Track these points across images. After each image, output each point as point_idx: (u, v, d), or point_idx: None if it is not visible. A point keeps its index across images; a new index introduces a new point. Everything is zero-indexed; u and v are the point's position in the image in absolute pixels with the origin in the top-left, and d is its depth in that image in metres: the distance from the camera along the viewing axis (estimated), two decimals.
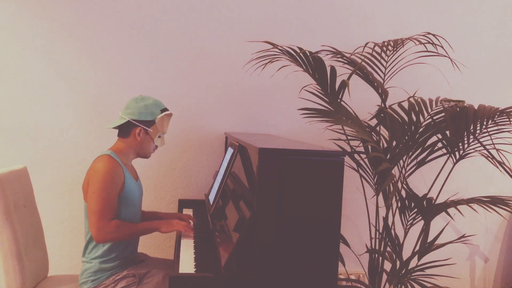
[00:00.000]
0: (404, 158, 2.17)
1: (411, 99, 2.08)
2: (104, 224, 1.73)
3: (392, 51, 2.31)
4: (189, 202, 2.57)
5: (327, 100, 2.09)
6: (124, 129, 1.90)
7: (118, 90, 2.59)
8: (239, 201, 1.75)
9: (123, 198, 1.82)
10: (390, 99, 2.41)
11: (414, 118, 2.04)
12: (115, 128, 1.93)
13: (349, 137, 2.34)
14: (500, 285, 2.88)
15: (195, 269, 1.58)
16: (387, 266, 2.43)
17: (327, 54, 2.19)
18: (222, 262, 1.53)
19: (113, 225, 1.74)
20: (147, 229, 1.84)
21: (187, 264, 1.62)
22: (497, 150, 1.99)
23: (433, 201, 2.11)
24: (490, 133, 1.93)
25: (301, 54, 1.93)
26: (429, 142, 2.13)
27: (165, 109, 1.95)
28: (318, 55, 1.95)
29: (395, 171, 2.55)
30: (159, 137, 1.95)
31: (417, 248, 2.15)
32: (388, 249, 2.29)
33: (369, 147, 2.18)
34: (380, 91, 2.05)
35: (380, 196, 2.59)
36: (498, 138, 2.03)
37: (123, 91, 2.59)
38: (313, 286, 1.47)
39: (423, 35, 2.21)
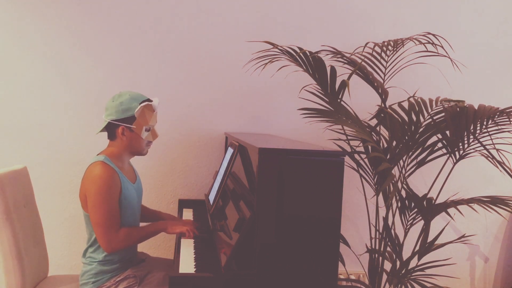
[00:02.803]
0: (404, 158, 2.17)
1: (411, 99, 2.09)
2: (112, 235, 1.72)
3: (392, 51, 2.31)
4: (189, 202, 2.57)
5: (327, 100, 2.09)
6: (110, 132, 1.84)
7: (118, 90, 2.59)
8: (239, 201, 1.75)
9: (120, 202, 1.78)
10: (390, 99, 2.41)
11: (414, 118, 2.04)
12: (102, 131, 1.87)
13: (349, 137, 2.34)
14: (500, 285, 2.88)
15: (195, 269, 1.58)
16: (387, 266, 2.43)
17: (327, 54, 2.19)
18: (222, 262, 1.53)
19: (121, 234, 1.74)
20: (154, 231, 1.85)
21: (187, 264, 1.62)
22: (497, 150, 1.99)
23: (433, 201, 2.11)
24: (490, 133, 1.93)
25: (301, 54, 1.93)
26: (429, 142, 2.13)
27: (146, 100, 1.83)
28: (318, 55, 1.95)
29: (395, 171, 2.55)
30: (147, 130, 1.84)
31: (417, 248, 2.15)
32: (388, 249, 2.29)
33: (369, 147, 2.18)
34: (380, 91, 2.05)
35: (380, 196, 2.59)
36: (498, 138, 2.03)
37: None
38: (313, 286, 1.47)
39: (423, 35, 2.21)
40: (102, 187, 1.69)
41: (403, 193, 2.23)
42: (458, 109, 1.96)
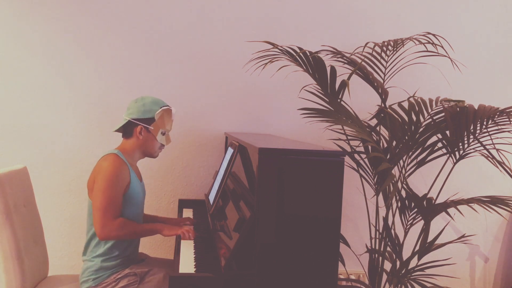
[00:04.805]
0: (404, 158, 2.17)
1: (411, 99, 2.09)
2: (108, 221, 1.74)
3: (392, 51, 2.31)
4: (189, 202, 2.57)
5: (327, 100, 2.09)
6: (127, 130, 1.93)
7: (118, 90, 2.59)
8: (239, 201, 1.75)
9: (127, 197, 1.83)
10: (390, 99, 2.41)
11: (414, 118, 2.04)
12: (119, 130, 1.96)
13: (349, 137, 2.34)
14: (500, 285, 2.88)
15: (195, 269, 1.58)
16: (387, 266, 2.43)
17: (327, 54, 2.19)
18: (222, 262, 1.53)
19: (117, 223, 1.76)
20: (150, 230, 1.86)
21: (187, 264, 1.62)
22: (497, 150, 1.99)
23: (433, 201, 2.11)
24: (490, 133, 1.93)
25: (301, 54, 1.93)
26: (429, 142, 2.13)
27: (166, 106, 1.96)
28: (318, 55, 1.95)
29: (395, 171, 2.55)
30: (163, 134, 1.95)
31: (417, 248, 2.15)
32: (388, 249, 2.29)
33: (369, 147, 2.18)
34: (380, 91, 2.05)
35: (380, 196, 2.59)
36: (498, 138, 2.03)
37: (123, 91, 2.59)
38: (313, 286, 1.47)
39: (423, 35, 2.21)
40: (110, 175, 1.76)
41: (403, 193, 2.23)
42: (458, 109, 1.96)
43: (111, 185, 1.76)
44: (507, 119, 1.88)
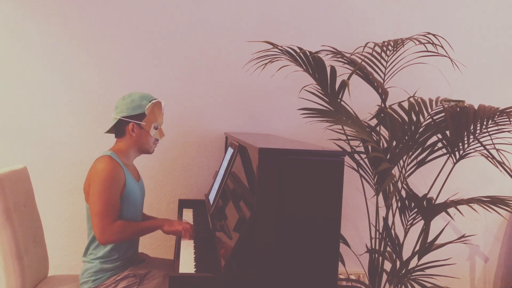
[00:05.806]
0: (404, 158, 2.17)
1: (411, 99, 2.09)
2: (107, 225, 1.73)
3: (392, 51, 2.31)
4: (189, 202, 2.57)
5: (327, 100, 2.09)
6: (119, 130, 1.90)
7: (118, 90, 2.59)
8: (239, 201, 1.75)
9: (124, 198, 1.82)
10: (390, 99, 2.41)
11: (414, 118, 2.04)
12: (110, 131, 1.93)
13: (349, 137, 2.34)
14: (500, 285, 2.88)
15: (195, 269, 1.58)
16: (387, 266, 2.43)
17: (327, 54, 2.19)
18: (222, 262, 1.53)
19: (116, 226, 1.74)
20: (150, 227, 1.85)
21: (187, 264, 1.62)
22: (497, 150, 1.99)
23: (433, 201, 2.11)
24: (490, 133, 1.93)
25: (301, 54, 1.93)
26: (429, 142, 2.13)
27: (154, 100, 1.92)
28: (318, 55, 1.95)
29: (395, 171, 2.55)
30: (155, 128, 1.92)
31: (417, 248, 2.15)
32: (388, 249, 2.29)
33: (369, 147, 2.18)
34: (380, 91, 2.05)
35: (380, 196, 2.59)
36: (498, 138, 2.03)
37: (124, 91, 2.59)
38: (313, 286, 1.47)
39: (423, 35, 2.21)
40: (105, 178, 1.73)
41: (403, 193, 2.23)
42: (458, 109, 1.96)
43: (106, 189, 1.73)
44: (507, 119, 1.88)
